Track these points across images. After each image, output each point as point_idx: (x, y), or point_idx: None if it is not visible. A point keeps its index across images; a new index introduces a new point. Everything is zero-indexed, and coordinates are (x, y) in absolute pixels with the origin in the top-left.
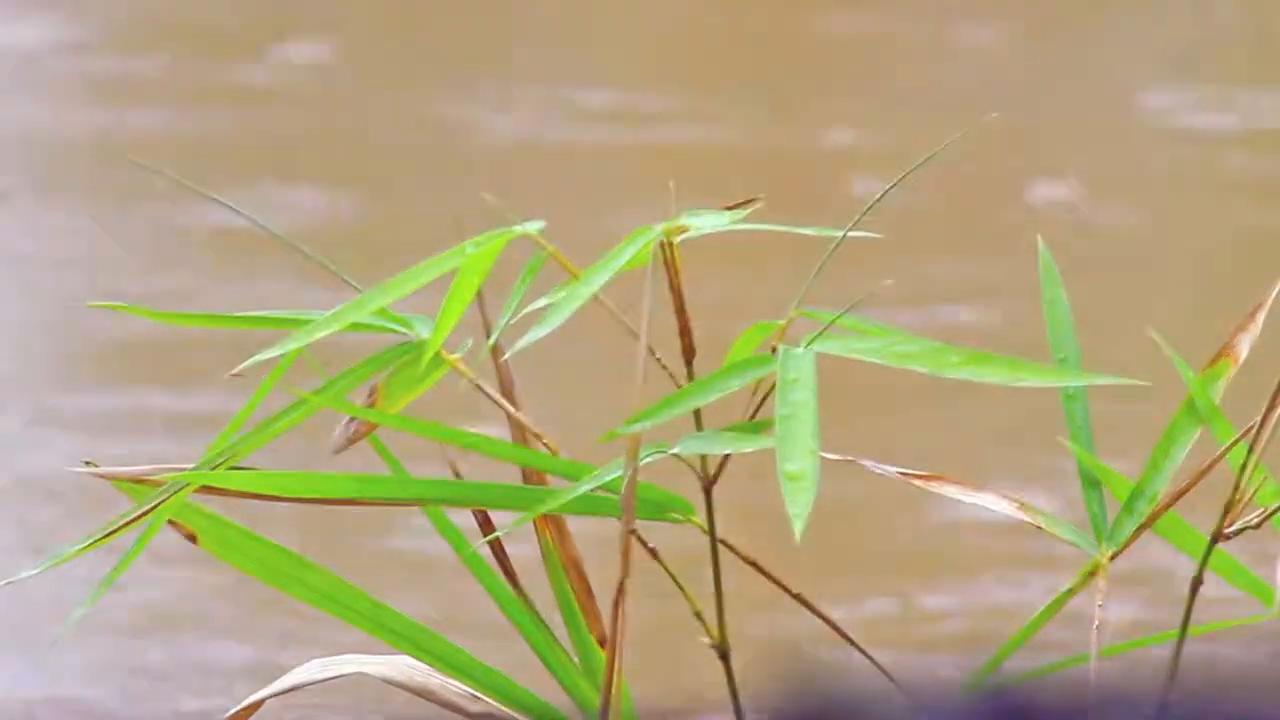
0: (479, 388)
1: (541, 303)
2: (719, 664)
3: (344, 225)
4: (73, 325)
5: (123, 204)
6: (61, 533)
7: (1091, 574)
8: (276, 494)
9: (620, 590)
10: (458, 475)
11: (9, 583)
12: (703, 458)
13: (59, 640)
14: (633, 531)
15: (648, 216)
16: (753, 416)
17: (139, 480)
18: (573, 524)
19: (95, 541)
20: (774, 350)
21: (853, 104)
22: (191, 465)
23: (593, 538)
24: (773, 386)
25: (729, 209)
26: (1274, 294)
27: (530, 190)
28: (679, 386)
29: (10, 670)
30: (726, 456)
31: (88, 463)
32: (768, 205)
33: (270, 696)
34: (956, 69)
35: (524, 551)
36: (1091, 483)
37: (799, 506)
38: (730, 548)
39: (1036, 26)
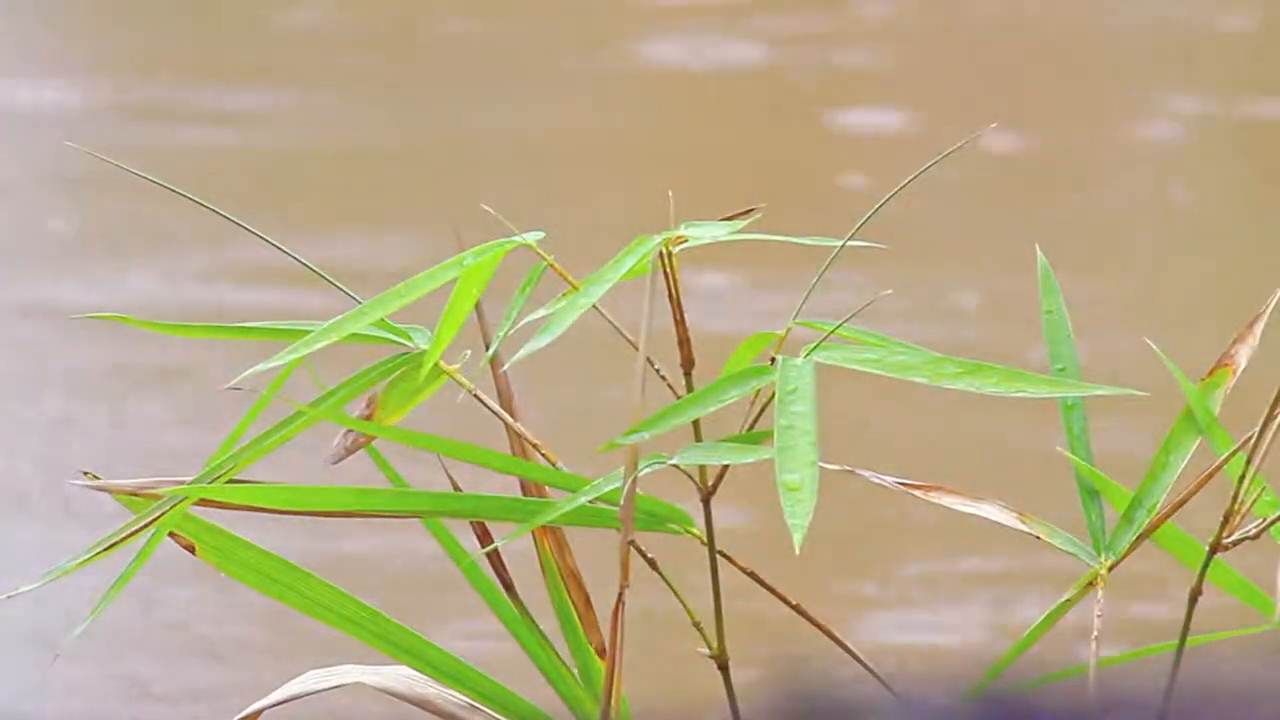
0: (478, 398)
1: (540, 313)
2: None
3: None
4: None
5: None
6: None
7: (1090, 584)
8: (275, 507)
9: (619, 601)
10: (456, 487)
11: (9, 596)
12: (701, 469)
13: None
14: (631, 542)
15: None
16: (751, 427)
17: (138, 493)
18: (571, 534)
19: (96, 554)
20: (773, 360)
21: None
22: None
23: (591, 548)
24: (771, 397)
25: (727, 219)
26: (1271, 304)
27: None
28: (678, 397)
29: None
30: (725, 467)
31: (87, 474)
32: None
33: (268, 707)
34: None
35: (523, 561)
36: (1090, 493)
37: (798, 518)
38: (729, 559)
39: None
